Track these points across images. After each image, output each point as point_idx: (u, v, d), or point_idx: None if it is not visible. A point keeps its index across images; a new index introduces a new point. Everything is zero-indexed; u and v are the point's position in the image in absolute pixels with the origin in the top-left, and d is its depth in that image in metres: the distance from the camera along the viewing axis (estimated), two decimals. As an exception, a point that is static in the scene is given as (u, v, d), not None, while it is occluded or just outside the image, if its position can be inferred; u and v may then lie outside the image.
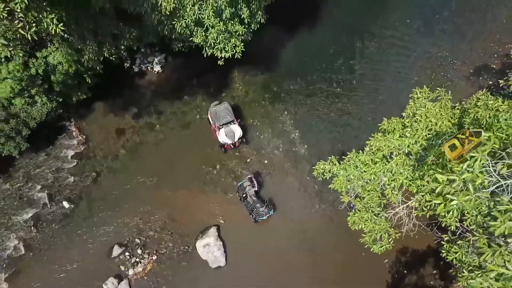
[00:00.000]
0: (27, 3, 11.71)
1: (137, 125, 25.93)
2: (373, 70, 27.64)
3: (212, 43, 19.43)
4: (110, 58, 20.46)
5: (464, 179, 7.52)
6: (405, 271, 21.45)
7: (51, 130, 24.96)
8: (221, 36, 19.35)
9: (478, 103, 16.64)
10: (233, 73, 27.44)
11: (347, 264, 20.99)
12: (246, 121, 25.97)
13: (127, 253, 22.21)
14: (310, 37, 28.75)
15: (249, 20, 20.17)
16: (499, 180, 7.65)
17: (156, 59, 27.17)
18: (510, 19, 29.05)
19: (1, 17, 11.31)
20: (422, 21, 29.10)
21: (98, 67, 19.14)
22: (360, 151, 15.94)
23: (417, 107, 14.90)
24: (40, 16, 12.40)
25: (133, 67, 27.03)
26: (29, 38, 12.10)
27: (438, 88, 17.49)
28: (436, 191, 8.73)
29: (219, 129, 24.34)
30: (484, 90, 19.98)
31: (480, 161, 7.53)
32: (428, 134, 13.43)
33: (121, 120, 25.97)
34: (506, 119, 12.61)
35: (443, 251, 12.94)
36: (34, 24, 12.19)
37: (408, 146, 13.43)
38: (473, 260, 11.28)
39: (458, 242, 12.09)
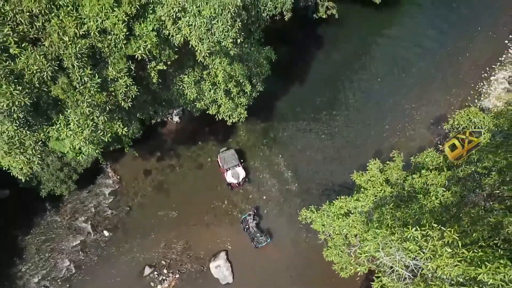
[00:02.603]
0: (106, 119, 17.90)
1: (160, 166, 32.06)
2: (351, 119, 33.81)
3: (222, 113, 25.66)
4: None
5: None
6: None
7: (92, 172, 31.00)
8: (229, 108, 25.52)
9: (426, 159, 23.02)
10: (238, 122, 33.43)
11: (327, 281, 27.06)
12: (248, 163, 32.09)
13: (155, 272, 28.33)
14: (301, 91, 34.94)
15: (251, 92, 26.46)
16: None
17: (175, 111, 33.26)
18: (467, 74, 35.32)
19: (92, 130, 17.47)
20: (392, 78, 35.29)
21: (138, 135, 25.26)
22: (333, 201, 22.07)
23: (370, 175, 21.10)
24: (112, 124, 18.56)
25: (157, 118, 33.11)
26: (106, 140, 18.29)
27: (394, 150, 23.90)
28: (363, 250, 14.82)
29: (227, 171, 30.48)
30: (431, 148, 26.40)
31: (372, 245, 13.57)
32: (375, 199, 19.55)
33: (147, 162, 32.09)
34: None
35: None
36: (109, 130, 18.37)
37: (361, 207, 19.56)
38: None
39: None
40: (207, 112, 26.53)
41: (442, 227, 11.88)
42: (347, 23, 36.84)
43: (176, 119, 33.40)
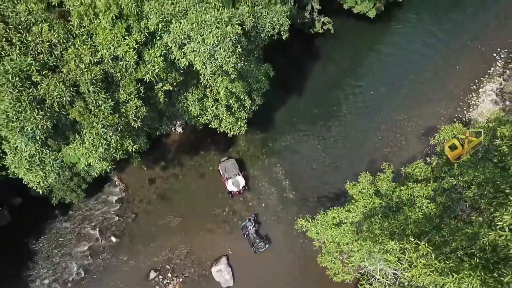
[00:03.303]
0: (118, 138, 19.56)
1: (164, 175, 33.73)
2: (346, 130, 35.50)
3: (224, 126, 27.35)
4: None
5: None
6: None
7: (99, 181, 32.64)
8: (230, 122, 27.20)
9: (415, 170, 24.66)
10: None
11: (322, 285, 28.73)
12: (248, 172, 33.76)
13: (160, 276, 30.00)
14: (298, 102, 36.64)
15: (250, 106, 28.15)
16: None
17: (178, 122, 34.92)
18: (456, 86, 37.01)
19: (105, 148, 19.13)
20: (385, 90, 36.97)
21: (145, 148, 26.89)
22: (327, 211, 23.72)
23: (361, 186, 22.77)
24: (123, 142, 20.23)
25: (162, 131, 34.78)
26: (117, 157, 19.96)
27: (385, 162, 25.56)
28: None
29: (227, 179, 32.16)
30: (421, 158, 28.05)
31: (358, 256, 15.24)
32: (364, 210, 21.22)
33: (152, 171, 33.76)
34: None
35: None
36: (120, 148, 20.04)
37: (352, 218, 21.22)
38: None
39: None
40: (209, 126, 28.24)
41: (417, 241, 13.53)
42: (343, 37, 38.56)
43: (179, 129, 35.07)
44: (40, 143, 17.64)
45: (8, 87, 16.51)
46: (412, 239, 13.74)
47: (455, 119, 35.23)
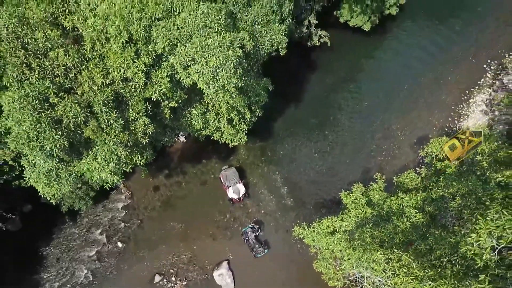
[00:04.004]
0: (128, 153, 21.11)
1: (168, 183, 35.28)
2: (341, 139, 37.04)
3: (225, 138, 28.89)
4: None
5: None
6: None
7: (108, 188, 34.14)
8: (231, 134, 28.72)
9: (406, 179, 26.19)
10: (238, 142, 36.76)
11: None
12: (248, 180, 35.31)
13: (164, 280, 31.54)
14: (296, 112, 38.18)
15: (250, 118, 29.68)
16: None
17: (181, 131, 36.44)
18: (448, 97, 38.55)
19: (116, 163, 20.67)
20: (379, 101, 38.52)
21: (151, 159, 28.44)
22: (323, 219, 25.27)
23: (354, 197, 24.33)
24: (132, 157, 21.78)
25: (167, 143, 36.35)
26: (127, 170, 21.51)
27: (377, 173, 27.09)
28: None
29: (228, 187, 33.70)
30: (413, 167, 29.56)
31: (347, 265, 16.76)
32: (356, 219, 22.77)
33: (156, 179, 35.33)
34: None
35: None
36: (130, 162, 21.59)
37: (345, 227, 22.77)
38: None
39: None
40: (212, 138, 29.78)
41: (400, 252, 15.08)
42: (339, 49, 40.12)
43: (182, 139, 36.60)
44: (57, 159, 19.17)
45: (28, 109, 18.06)
46: (396, 250, 15.28)
47: (446, 129, 36.80)
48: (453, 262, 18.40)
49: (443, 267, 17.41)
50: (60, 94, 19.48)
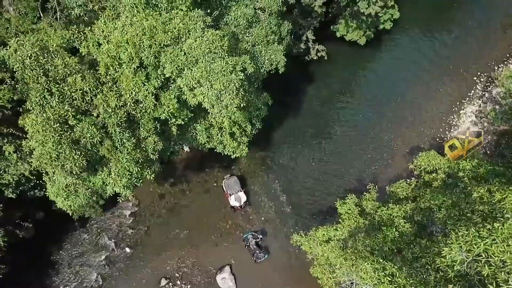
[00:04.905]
0: (139, 169, 22.98)
1: (173, 191, 37.18)
2: (337, 149, 38.91)
3: (227, 151, 30.76)
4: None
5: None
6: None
7: (114, 196, 35.96)
8: (233, 147, 30.57)
9: (397, 189, 28.02)
10: (240, 152, 38.61)
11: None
12: (249, 188, 37.20)
13: (170, 283, 33.44)
14: (294, 123, 40.05)
15: (251, 131, 31.55)
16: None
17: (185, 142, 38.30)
18: (439, 108, 40.42)
19: (128, 178, 22.54)
20: (374, 112, 40.39)
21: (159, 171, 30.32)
22: (319, 227, 27.13)
23: (348, 208, 26.21)
24: (143, 172, 23.66)
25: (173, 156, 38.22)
26: (139, 185, 23.39)
27: (370, 183, 28.95)
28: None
29: (230, 195, 35.60)
30: (406, 177, 31.40)
31: (338, 273, 18.59)
32: (350, 229, 24.64)
33: (162, 187, 37.20)
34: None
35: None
36: (140, 177, 23.48)
37: (339, 235, 24.64)
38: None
39: None
40: (215, 150, 31.66)
41: (385, 262, 16.95)
42: (335, 62, 41.97)
43: (186, 149, 38.42)
44: (76, 176, 21.06)
45: (50, 132, 19.94)
46: (381, 260, 17.15)
47: (438, 139, 38.67)
48: (437, 269, 20.33)
49: (428, 274, 19.28)
50: (78, 116, 21.35)
